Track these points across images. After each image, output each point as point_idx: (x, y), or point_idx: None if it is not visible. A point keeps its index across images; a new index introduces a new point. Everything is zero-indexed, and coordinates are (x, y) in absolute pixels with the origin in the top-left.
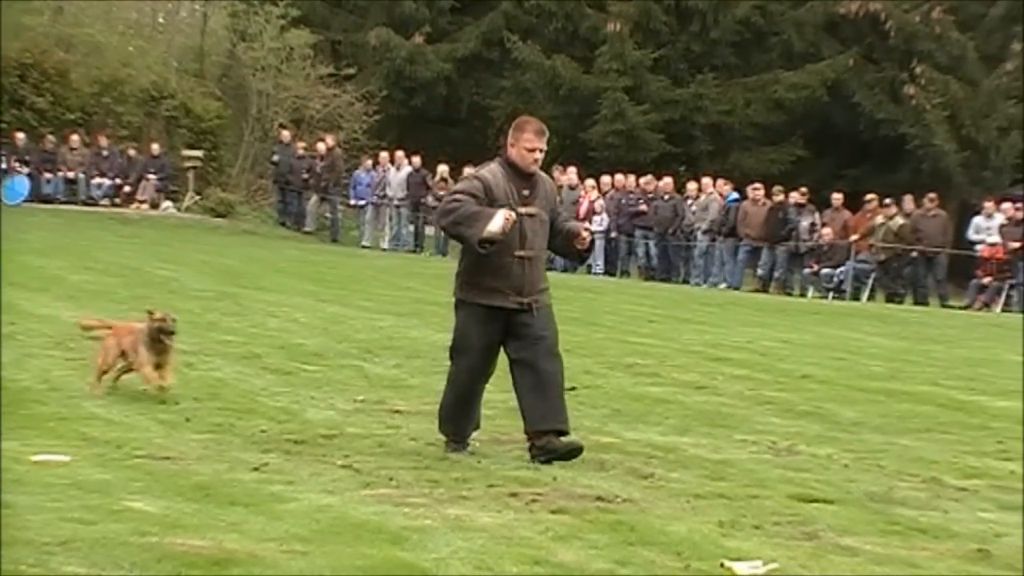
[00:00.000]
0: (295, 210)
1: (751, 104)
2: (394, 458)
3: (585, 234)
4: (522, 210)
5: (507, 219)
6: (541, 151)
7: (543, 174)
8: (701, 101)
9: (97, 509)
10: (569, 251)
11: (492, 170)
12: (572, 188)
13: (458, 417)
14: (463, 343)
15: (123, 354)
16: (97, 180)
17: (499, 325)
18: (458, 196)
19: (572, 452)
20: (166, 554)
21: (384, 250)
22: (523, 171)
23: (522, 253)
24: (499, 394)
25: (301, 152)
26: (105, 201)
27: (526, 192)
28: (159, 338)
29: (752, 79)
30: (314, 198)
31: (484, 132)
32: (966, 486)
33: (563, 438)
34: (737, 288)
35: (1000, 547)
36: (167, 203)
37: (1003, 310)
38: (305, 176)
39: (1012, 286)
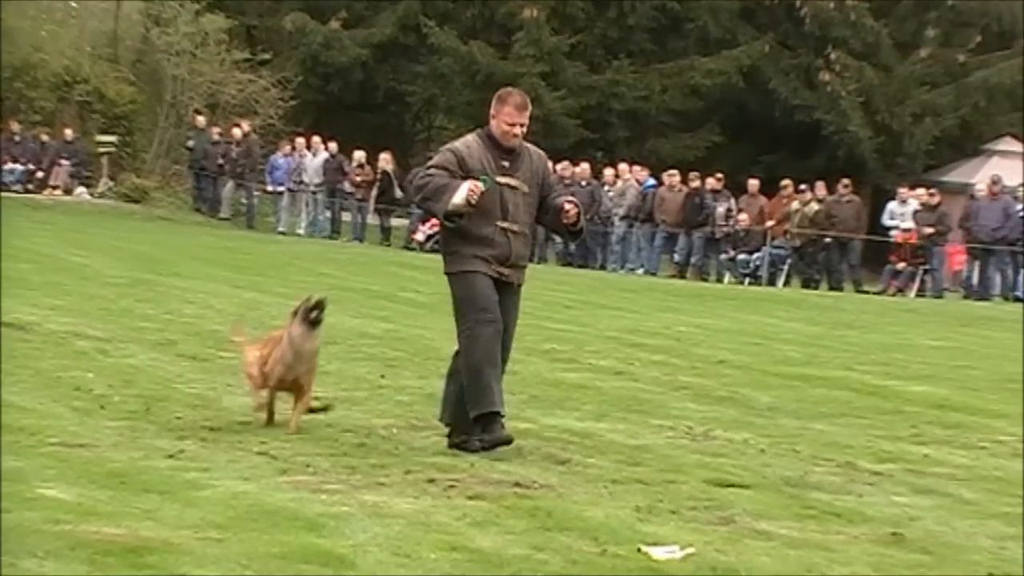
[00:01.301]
0: (210, 196)
1: (667, 90)
2: (311, 445)
3: (568, 207)
4: (501, 180)
5: (471, 190)
6: (522, 126)
7: (533, 148)
8: (618, 87)
9: (10, 497)
10: (559, 227)
11: (467, 141)
12: None
13: (491, 380)
14: (474, 303)
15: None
16: (9, 166)
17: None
18: (430, 171)
19: (503, 443)
20: (80, 542)
21: (300, 236)
22: (503, 144)
23: (504, 225)
24: (416, 380)
25: (216, 138)
26: (17, 187)
27: (506, 163)
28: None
29: (668, 65)
30: (230, 184)
31: (401, 118)
32: (880, 470)
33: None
34: (654, 274)
35: (914, 530)
36: (81, 189)
37: (917, 295)
38: (220, 162)
39: (926, 271)
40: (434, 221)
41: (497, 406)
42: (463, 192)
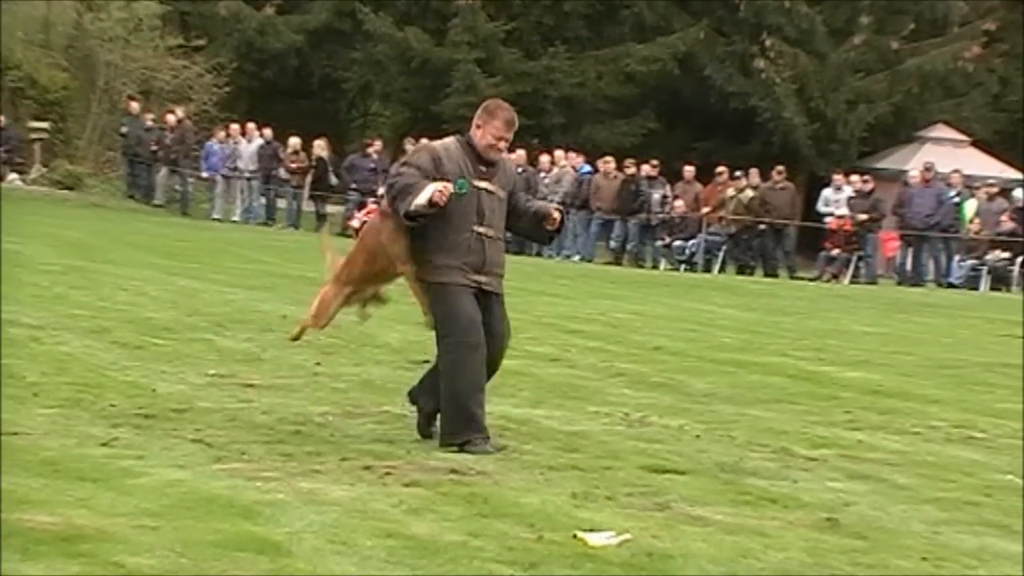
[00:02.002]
0: (144, 182)
1: (603, 77)
2: (246, 432)
3: (556, 215)
4: (479, 183)
5: (439, 191)
6: (506, 142)
7: (506, 155)
8: (553, 74)
9: None
10: (537, 232)
11: (446, 143)
12: None
13: (474, 410)
14: (458, 322)
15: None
16: None
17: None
18: (402, 169)
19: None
20: (13, 530)
21: (235, 223)
22: (480, 153)
23: (480, 230)
24: (351, 367)
25: (150, 124)
26: None
27: (483, 168)
28: None
29: (604, 52)
30: (164, 170)
31: (336, 104)
32: (815, 456)
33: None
34: (590, 260)
35: (848, 516)
36: (13, 175)
37: (851, 281)
38: (154, 148)
39: (860, 258)
40: (370, 208)
41: (481, 431)
42: (428, 193)
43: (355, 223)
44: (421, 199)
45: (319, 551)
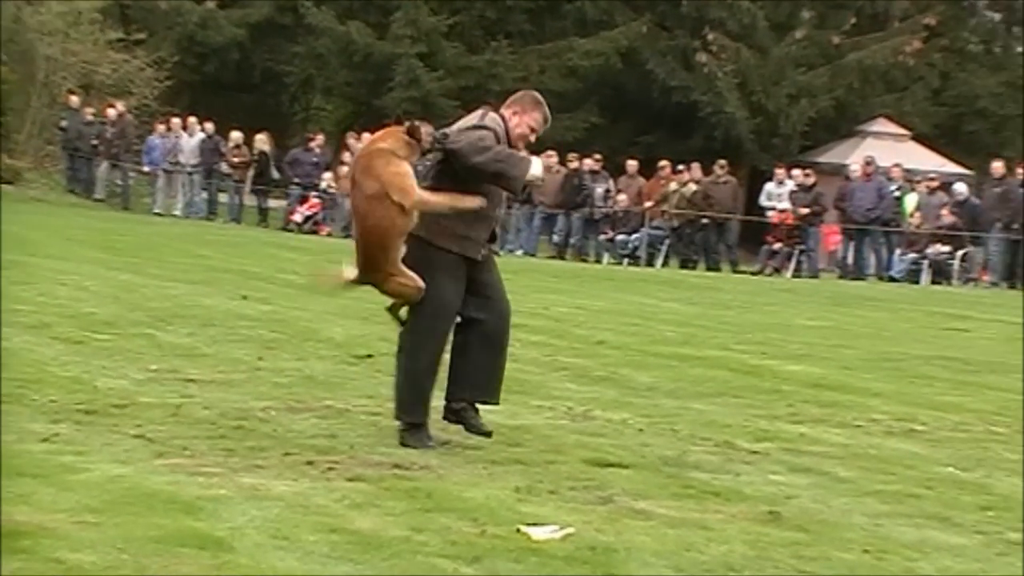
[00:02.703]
0: (85, 177)
1: (545, 71)
2: (188, 427)
3: None
4: None
5: (547, 167)
6: (535, 137)
7: None
8: (496, 68)
9: None
10: None
11: (494, 117)
12: None
13: (427, 391)
14: (441, 303)
15: None
16: None
17: (464, 282)
18: (484, 134)
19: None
20: None
21: (177, 217)
22: (511, 140)
23: (499, 211)
24: (294, 362)
25: (90, 118)
26: None
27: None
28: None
29: (547, 46)
30: (104, 164)
31: (278, 98)
32: (757, 449)
33: (481, 423)
34: (533, 255)
35: (790, 509)
36: None
37: (793, 275)
38: (95, 142)
39: (802, 251)
40: (312, 202)
41: (426, 417)
42: (540, 165)
43: (297, 217)
44: (537, 170)
45: (261, 546)
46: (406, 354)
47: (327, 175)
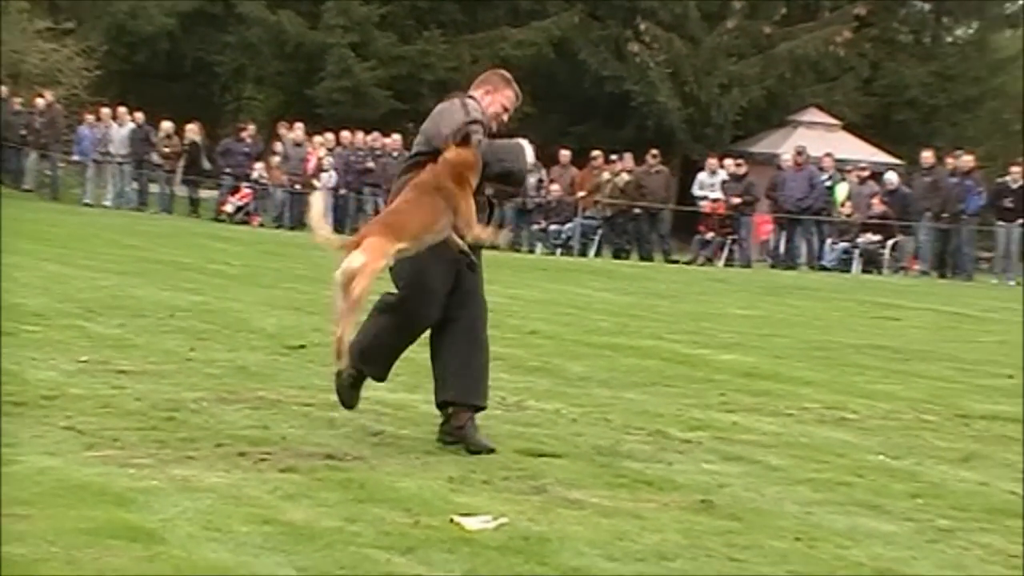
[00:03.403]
0: (14, 167)
1: (478, 61)
2: (118, 419)
3: None
4: None
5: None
6: (509, 115)
7: None
8: (428, 58)
9: None
10: None
11: (478, 109)
12: (298, 145)
13: (386, 363)
14: (425, 287)
15: None
16: None
17: (453, 275)
18: (475, 127)
19: (480, 452)
20: None
21: (107, 208)
22: (484, 124)
23: (487, 193)
24: (226, 353)
25: (19, 108)
26: None
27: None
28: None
29: (479, 36)
30: (33, 155)
31: (209, 88)
32: (690, 438)
33: (482, 439)
34: None
35: (723, 497)
36: None
37: (725, 264)
38: (23, 132)
39: (734, 241)
40: (244, 192)
41: (359, 370)
42: (531, 149)
43: (228, 208)
44: (531, 156)
45: (193, 538)
46: (389, 328)
47: (258, 165)
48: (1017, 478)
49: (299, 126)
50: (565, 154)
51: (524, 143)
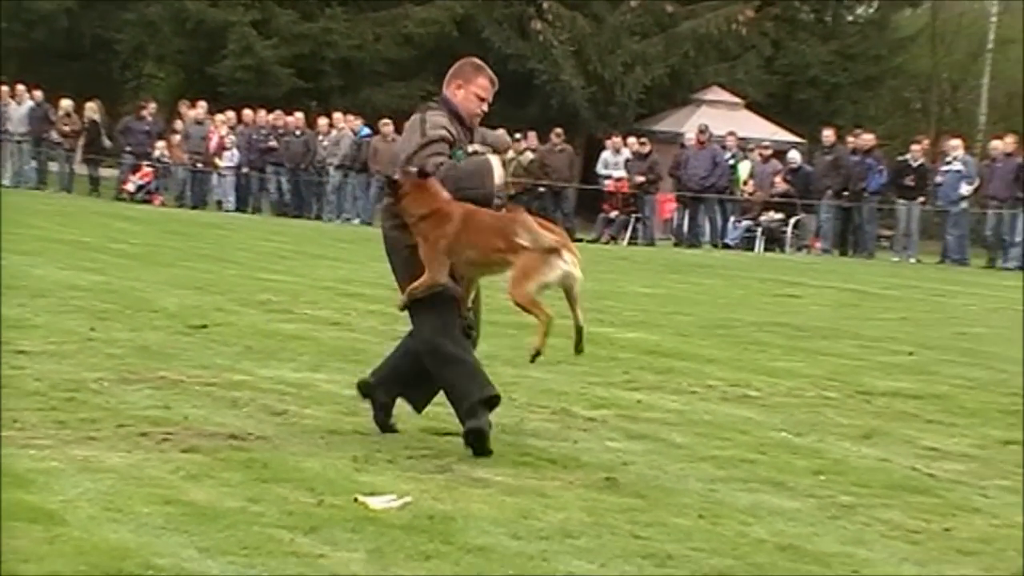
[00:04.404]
0: None
1: (381, 39)
2: (18, 399)
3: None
4: (470, 149)
5: (501, 161)
6: (489, 104)
7: None
8: (331, 36)
9: None
10: None
11: (436, 114)
12: (200, 124)
13: (471, 383)
14: (447, 296)
15: None
16: None
17: None
18: (437, 148)
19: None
20: None
21: (6, 187)
22: (464, 118)
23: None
24: (127, 333)
25: None
26: None
27: (468, 132)
28: None
29: (382, 14)
30: None
31: (109, 66)
32: (594, 416)
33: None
34: (370, 224)
35: (627, 475)
36: None
37: (629, 243)
38: None
39: (638, 219)
40: (145, 171)
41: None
42: (500, 168)
43: (130, 187)
44: (499, 178)
45: (94, 519)
46: (429, 359)
47: (160, 144)
48: (917, 454)
49: (201, 104)
50: None
51: (493, 161)
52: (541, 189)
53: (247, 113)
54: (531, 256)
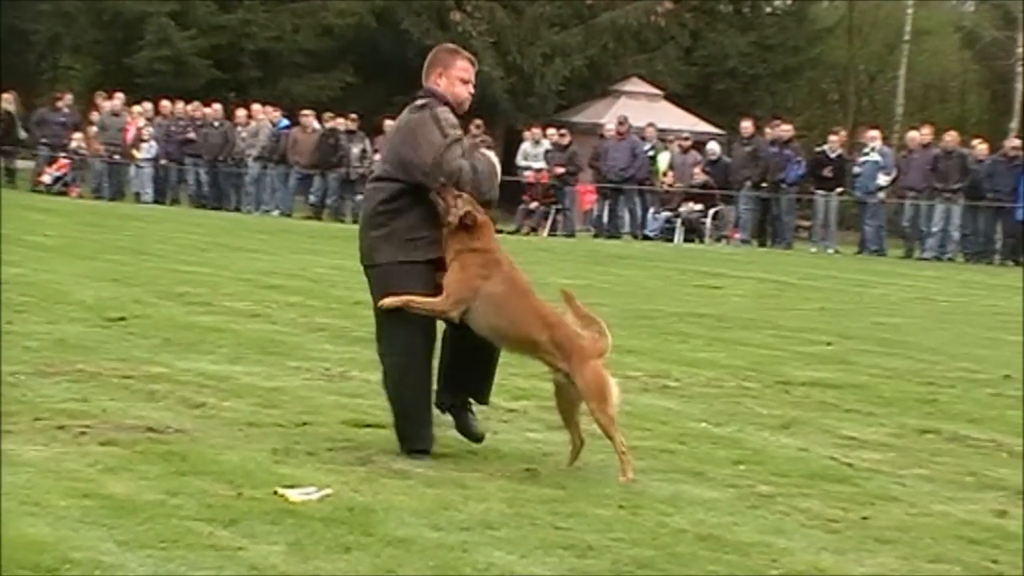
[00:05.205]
0: None
1: (299, 30)
2: None
3: None
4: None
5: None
6: (473, 85)
7: None
8: (249, 27)
9: None
10: None
11: (440, 108)
12: (116, 115)
13: (425, 415)
14: (418, 319)
15: None
16: None
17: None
18: (456, 149)
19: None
20: None
21: None
22: (454, 108)
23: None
24: (44, 326)
25: None
26: None
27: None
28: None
29: (300, 5)
30: None
31: (24, 57)
32: (515, 407)
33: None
34: (289, 215)
35: (547, 466)
36: None
37: (549, 234)
38: None
39: (558, 210)
40: (61, 163)
41: (428, 442)
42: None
43: (46, 179)
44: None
45: (11, 513)
46: (391, 380)
47: (76, 135)
48: (836, 443)
49: (118, 96)
50: (389, 124)
51: (495, 162)
52: None
53: (165, 104)
54: (596, 367)
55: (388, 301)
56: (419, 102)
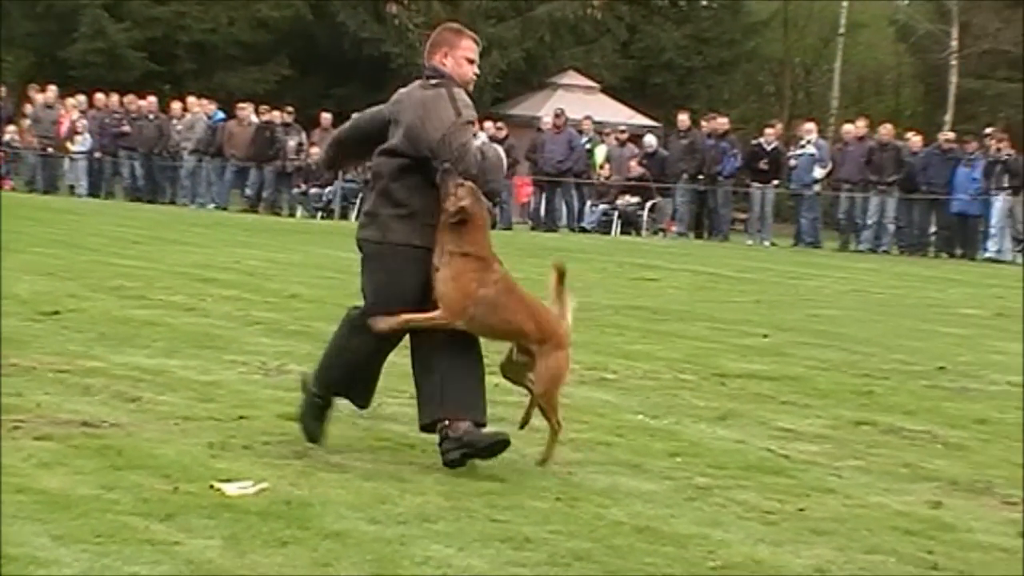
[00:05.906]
0: None
1: (235, 23)
2: None
3: None
4: None
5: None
6: (477, 64)
7: None
8: (184, 19)
9: None
10: None
11: (461, 90)
12: (50, 108)
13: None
14: (391, 298)
15: None
16: None
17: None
18: (468, 129)
19: (496, 447)
20: None
21: None
22: (465, 86)
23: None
24: None
25: None
26: None
27: None
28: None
29: None
30: None
31: None
32: None
33: (484, 429)
34: (225, 208)
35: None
36: None
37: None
38: None
39: (495, 203)
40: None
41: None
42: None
43: None
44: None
45: None
46: (349, 326)
47: (9, 128)
48: (772, 435)
49: (52, 88)
50: (326, 117)
51: (502, 155)
52: None
53: (99, 97)
54: (562, 356)
55: (383, 325)
56: (432, 80)
